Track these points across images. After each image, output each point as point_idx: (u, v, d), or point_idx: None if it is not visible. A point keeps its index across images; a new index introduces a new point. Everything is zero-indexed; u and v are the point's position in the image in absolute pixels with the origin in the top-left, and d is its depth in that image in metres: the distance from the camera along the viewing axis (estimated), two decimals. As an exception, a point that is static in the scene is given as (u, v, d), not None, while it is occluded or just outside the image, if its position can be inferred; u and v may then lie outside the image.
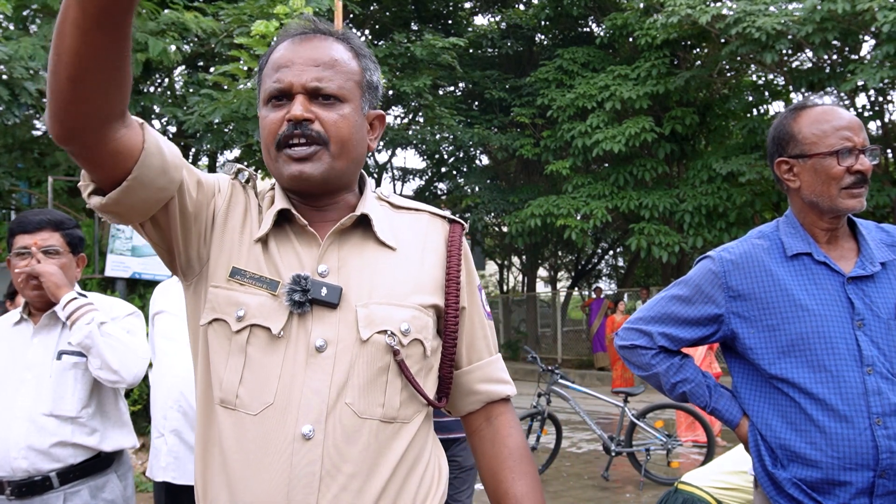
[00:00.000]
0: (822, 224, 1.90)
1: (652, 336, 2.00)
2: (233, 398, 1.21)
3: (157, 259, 8.36)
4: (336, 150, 1.25)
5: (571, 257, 23.37)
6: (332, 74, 1.26)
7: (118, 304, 2.49)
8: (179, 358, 2.64)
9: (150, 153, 1.11)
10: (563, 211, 13.95)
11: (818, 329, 1.80)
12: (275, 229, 1.28)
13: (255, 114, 7.41)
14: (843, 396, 1.77)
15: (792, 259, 1.88)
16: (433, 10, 17.39)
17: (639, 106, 13.75)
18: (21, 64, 6.73)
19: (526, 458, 1.39)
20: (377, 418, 1.21)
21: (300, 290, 1.20)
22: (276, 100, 1.26)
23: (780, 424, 1.85)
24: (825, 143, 1.85)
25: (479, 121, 16.61)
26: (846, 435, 1.76)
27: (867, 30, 11.54)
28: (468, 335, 1.39)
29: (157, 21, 7.56)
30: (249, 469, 1.18)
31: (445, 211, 1.43)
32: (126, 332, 2.35)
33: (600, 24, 16.60)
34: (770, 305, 1.86)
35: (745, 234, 2.03)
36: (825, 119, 1.87)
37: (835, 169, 1.83)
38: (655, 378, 2.03)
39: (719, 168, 12.90)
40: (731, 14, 12.05)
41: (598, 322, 16.02)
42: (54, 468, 2.22)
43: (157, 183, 1.14)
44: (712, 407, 1.98)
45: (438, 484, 1.31)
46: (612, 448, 6.78)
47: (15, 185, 10.09)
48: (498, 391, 1.41)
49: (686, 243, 13.33)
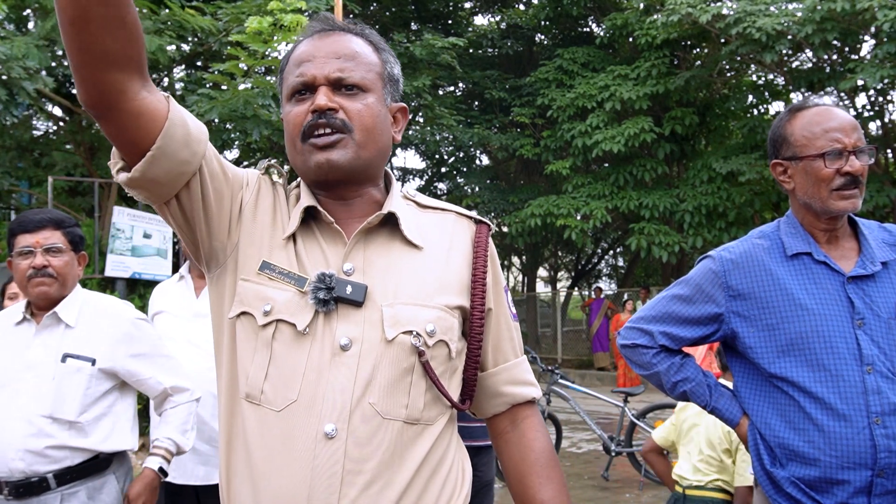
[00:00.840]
0: (819, 225, 1.91)
1: (653, 335, 2.01)
2: (258, 393, 1.21)
3: (157, 259, 8.38)
4: (361, 138, 1.26)
5: (571, 257, 23.36)
6: (354, 65, 1.27)
7: (121, 308, 2.48)
8: (180, 357, 2.63)
9: (173, 123, 1.14)
10: (563, 211, 13.94)
11: (818, 328, 1.80)
12: (301, 227, 1.28)
13: (253, 113, 7.39)
14: (841, 395, 1.77)
15: (792, 259, 1.89)
16: (433, 10, 17.37)
17: (639, 106, 13.73)
18: (19, 63, 6.72)
19: (552, 462, 1.37)
20: (401, 419, 1.20)
21: (325, 288, 1.20)
22: (299, 94, 1.28)
23: (779, 423, 1.85)
24: (814, 146, 1.86)
25: (479, 121, 16.58)
26: (844, 434, 1.76)
27: (867, 29, 11.53)
28: (494, 337, 1.38)
29: (154, 20, 7.55)
30: (272, 465, 1.18)
31: (472, 211, 1.41)
32: (162, 369, 2.46)
33: (600, 24, 16.59)
34: (770, 305, 1.87)
35: (746, 234, 2.04)
36: (816, 121, 1.88)
37: (823, 171, 1.84)
38: (656, 377, 2.04)
39: (719, 168, 12.89)
40: (731, 14, 12.04)
41: (598, 322, 16.02)
42: (51, 469, 2.21)
43: (180, 155, 1.16)
44: (712, 406, 2.00)
45: (462, 487, 1.30)
46: (612, 448, 6.77)
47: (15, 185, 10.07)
48: (523, 393, 1.40)
49: (686, 243, 13.32)
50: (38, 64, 7.07)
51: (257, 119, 7.33)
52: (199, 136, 1.19)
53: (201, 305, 2.93)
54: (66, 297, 2.36)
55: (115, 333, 2.37)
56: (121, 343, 2.37)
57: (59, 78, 8.14)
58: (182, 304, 2.98)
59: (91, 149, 10.14)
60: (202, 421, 2.84)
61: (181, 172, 1.18)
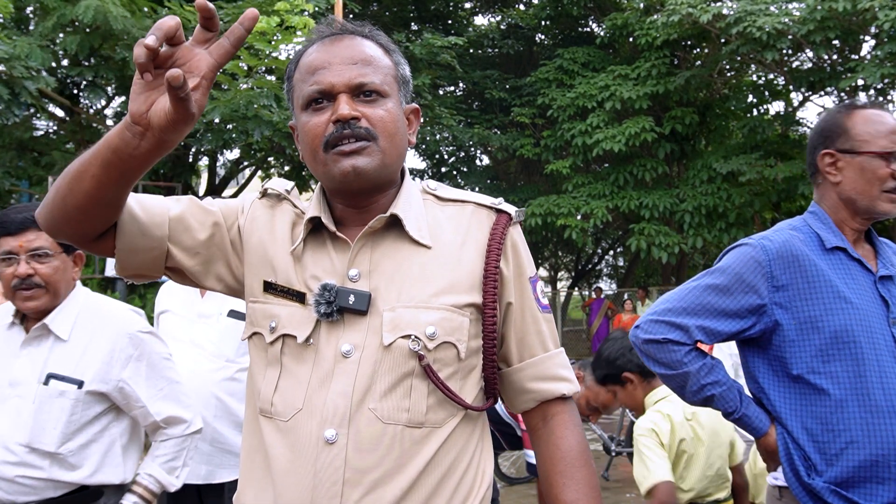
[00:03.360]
0: (852, 223, 1.88)
1: (688, 330, 1.83)
2: (269, 406, 1.24)
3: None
4: (385, 144, 1.24)
5: (571, 257, 23.37)
6: (371, 70, 1.25)
7: (124, 319, 2.17)
8: (183, 358, 2.64)
9: (123, 222, 1.23)
10: (563, 210, 13.93)
11: (862, 322, 1.76)
12: (312, 235, 1.29)
13: (254, 113, 7.39)
14: (885, 390, 1.73)
15: (830, 252, 1.85)
16: (433, 10, 17.37)
17: (639, 106, 13.74)
18: (21, 63, 6.73)
19: (579, 461, 1.30)
20: (402, 423, 1.19)
21: (325, 302, 1.20)
22: (315, 103, 1.24)
23: (815, 426, 1.78)
24: (877, 144, 1.83)
25: (479, 121, 16.58)
26: (891, 429, 1.71)
27: (867, 29, 11.53)
28: (518, 331, 1.32)
29: (154, 19, 7.56)
30: (283, 474, 1.20)
31: (496, 200, 1.35)
32: (169, 398, 2.18)
33: (600, 24, 16.59)
34: (813, 296, 1.80)
35: (745, 235, 2.01)
36: (879, 120, 1.86)
37: (882, 170, 1.82)
38: (682, 378, 1.86)
39: (719, 167, 12.90)
40: (731, 14, 12.04)
41: (598, 322, 16.02)
42: (32, 500, 2.00)
43: (140, 245, 1.25)
44: (742, 413, 1.85)
45: (478, 489, 1.28)
46: (612, 448, 6.77)
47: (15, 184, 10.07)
48: (551, 389, 1.32)
49: (686, 244, 13.32)
50: (40, 64, 7.08)
51: (258, 119, 7.33)
52: (155, 221, 1.26)
53: (205, 306, 2.93)
54: (60, 306, 2.07)
55: (112, 350, 2.07)
56: (116, 362, 2.07)
57: (60, 78, 8.14)
58: (187, 304, 2.98)
59: (91, 148, 10.13)
60: (205, 422, 2.84)
61: (155, 257, 1.28)
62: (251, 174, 15.46)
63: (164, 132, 1.04)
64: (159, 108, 1.03)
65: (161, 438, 2.18)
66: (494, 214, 1.32)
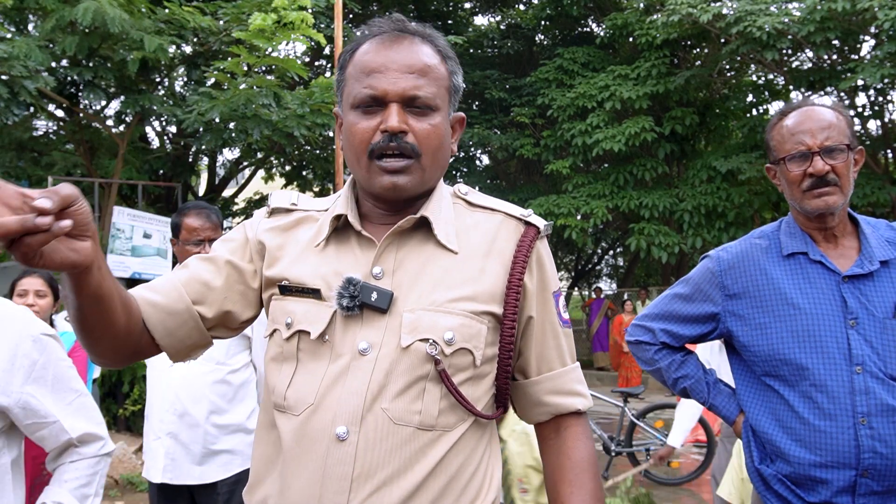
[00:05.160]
0: (810, 224, 1.93)
1: (654, 332, 2.09)
2: (282, 401, 1.25)
3: (156, 259, 8.37)
4: (428, 162, 1.26)
5: (571, 257, 23.34)
6: (426, 83, 1.24)
7: (21, 320, 1.77)
8: (176, 360, 2.63)
9: (149, 320, 1.27)
10: (563, 210, 13.93)
11: (808, 327, 1.83)
12: (337, 231, 1.30)
13: (254, 112, 7.38)
14: (829, 395, 1.80)
15: (788, 258, 1.92)
16: (433, 9, 17.37)
17: (639, 106, 13.73)
18: (20, 62, 6.72)
19: (587, 471, 1.32)
20: (413, 425, 1.20)
21: (348, 296, 1.21)
22: (366, 106, 1.24)
23: (768, 421, 1.90)
24: (783, 149, 1.92)
25: (479, 121, 16.58)
26: (829, 433, 1.79)
27: (867, 29, 11.53)
28: (538, 344, 1.33)
29: (153, 19, 7.55)
30: (293, 468, 1.21)
31: (525, 211, 1.35)
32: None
33: (600, 24, 16.58)
34: (762, 304, 1.90)
35: (746, 234, 2.08)
36: (789, 125, 1.92)
37: (791, 173, 1.90)
38: (658, 373, 2.12)
39: (719, 166, 12.91)
40: (731, 14, 12.04)
41: (598, 322, 16.02)
42: None
43: (172, 325, 1.28)
44: (710, 402, 2.06)
45: (486, 494, 1.28)
46: (612, 448, 6.77)
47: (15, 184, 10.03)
48: (566, 404, 1.35)
49: (685, 244, 13.32)
50: (40, 64, 7.08)
51: (258, 119, 7.32)
52: (172, 297, 1.29)
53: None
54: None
55: (14, 356, 1.68)
56: (19, 370, 1.68)
57: (59, 78, 8.13)
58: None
59: (91, 148, 10.14)
60: (195, 423, 2.84)
61: (190, 328, 1.30)
62: (251, 174, 15.45)
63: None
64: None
65: (72, 459, 1.79)
66: (523, 226, 1.33)
